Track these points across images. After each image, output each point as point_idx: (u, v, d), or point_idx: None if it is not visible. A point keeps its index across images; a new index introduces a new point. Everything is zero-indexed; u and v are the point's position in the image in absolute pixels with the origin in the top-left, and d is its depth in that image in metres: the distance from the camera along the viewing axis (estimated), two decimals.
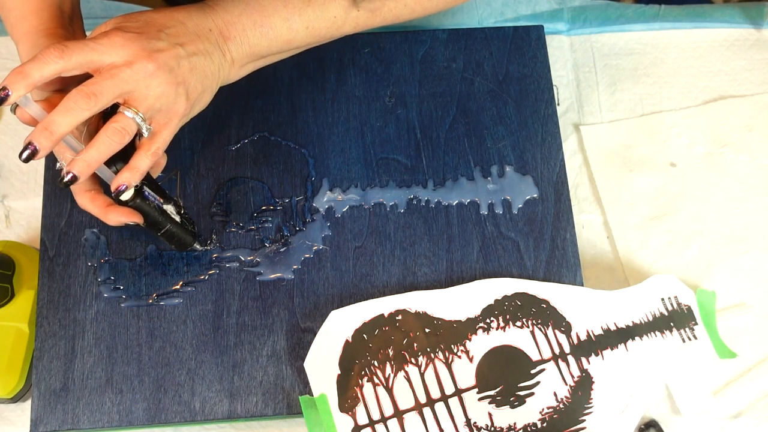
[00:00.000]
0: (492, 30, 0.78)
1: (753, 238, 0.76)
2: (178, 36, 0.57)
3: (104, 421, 0.65)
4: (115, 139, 0.54)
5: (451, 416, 0.64)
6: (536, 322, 0.67)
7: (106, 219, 0.60)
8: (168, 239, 0.64)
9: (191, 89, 0.57)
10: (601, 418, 0.66)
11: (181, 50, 0.56)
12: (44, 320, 0.67)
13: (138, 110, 0.54)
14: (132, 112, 0.54)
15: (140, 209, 0.60)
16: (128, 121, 0.54)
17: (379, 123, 0.75)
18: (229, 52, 0.60)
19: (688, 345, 0.69)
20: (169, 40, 0.56)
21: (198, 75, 0.57)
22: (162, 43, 0.55)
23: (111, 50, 0.53)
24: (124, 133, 0.54)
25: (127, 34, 0.54)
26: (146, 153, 0.56)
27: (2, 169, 0.77)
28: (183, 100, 0.56)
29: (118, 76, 0.53)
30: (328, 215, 0.71)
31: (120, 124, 0.54)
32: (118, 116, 0.54)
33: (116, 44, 0.53)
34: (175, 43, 0.56)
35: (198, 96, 0.58)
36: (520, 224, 0.72)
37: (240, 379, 0.66)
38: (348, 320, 0.66)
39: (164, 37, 0.56)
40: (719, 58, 0.83)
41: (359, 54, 0.77)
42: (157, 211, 0.61)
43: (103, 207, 0.60)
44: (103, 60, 0.53)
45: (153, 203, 0.61)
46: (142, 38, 0.54)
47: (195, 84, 0.57)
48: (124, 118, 0.54)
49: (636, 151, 0.79)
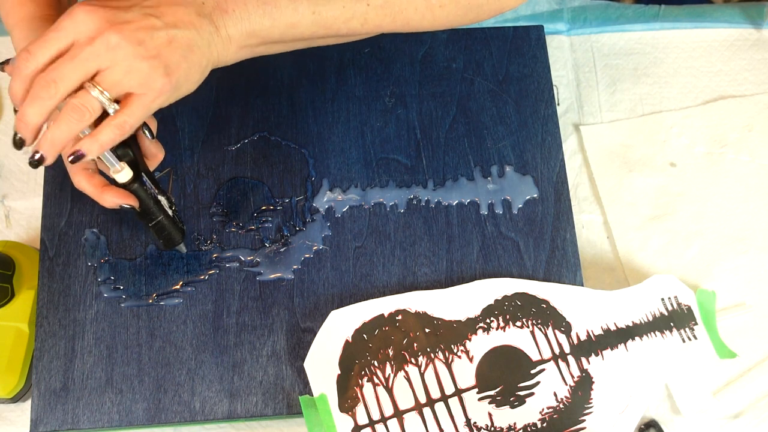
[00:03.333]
0: (492, 30, 0.78)
1: (753, 238, 0.76)
2: (155, 7, 0.52)
3: (104, 421, 0.65)
4: (74, 116, 0.51)
5: (451, 416, 0.64)
6: (536, 322, 0.67)
7: (101, 199, 0.58)
8: (158, 232, 0.63)
9: (172, 64, 0.52)
10: (601, 418, 0.66)
11: (156, 21, 0.51)
12: (44, 320, 0.67)
13: (102, 87, 0.50)
14: (96, 89, 0.50)
15: (136, 194, 0.59)
16: (88, 98, 0.51)
17: (379, 123, 0.75)
18: (225, 28, 0.55)
19: (688, 345, 0.69)
20: (142, 11, 0.51)
21: (180, 49, 0.52)
22: (131, 14, 0.51)
23: (72, 27, 0.50)
24: (83, 110, 0.51)
25: (92, 8, 0.50)
26: (109, 123, 0.52)
27: (2, 169, 0.77)
28: (159, 76, 0.51)
29: (77, 57, 0.49)
30: (328, 215, 0.71)
31: (78, 100, 0.50)
32: (79, 92, 0.51)
33: (77, 20, 0.50)
34: (148, 14, 0.51)
35: (183, 74, 0.53)
36: (520, 224, 0.72)
37: (240, 379, 0.66)
38: (348, 320, 0.66)
39: (136, 9, 0.51)
40: (719, 58, 0.83)
41: (359, 54, 0.77)
42: (152, 200, 0.60)
43: (98, 187, 0.58)
44: (68, 41, 0.50)
45: (149, 191, 0.60)
46: (107, 10, 0.50)
47: (176, 59, 0.52)
48: (83, 94, 0.50)
49: (636, 151, 0.79)
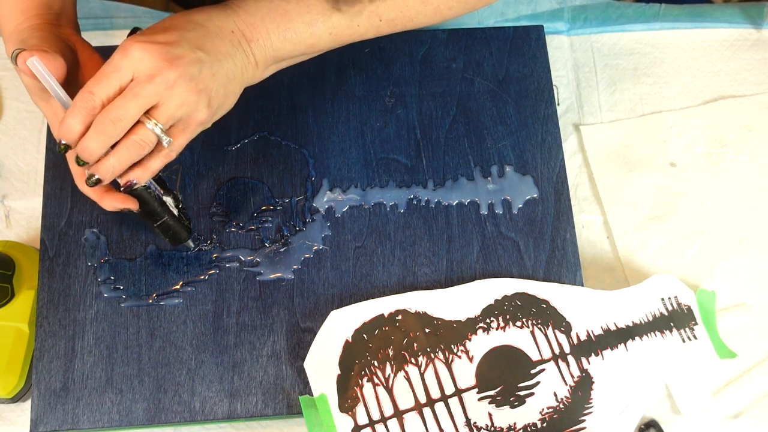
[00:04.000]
0: (492, 30, 0.78)
1: (753, 238, 0.76)
2: (198, 39, 0.55)
3: (104, 421, 0.65)
4: (134, 150, 0.54)
5: (451, 416, 0.64)
6: (536, 322, 0.67)
7: (101, 203, 0.60)
8: (163, 231, 0.64)
9: (213, 95, 0.56)
10: (601, 418, 0.66)
11: (203, 55, 0.55)
12: (44, 320, 0.67)
13: (158, 121, 0.54)
14: (152, 123, 0.54)
15: (141, 197, 0.60)
16: (147, 133, 0.54)
17: (379, 123, 0.75)
18: (253, 55, 0.58)
19: (688, 345, 0.69)
20: (189, 45, 0.54)
21: (221, 80, 0.56)
22: (181, 50, 0.54)
23: (130, 65, 0.52)
24: (143, 145, 0.54)
25: (145, 44, 0.53)
26: (160, 155, 0.56)
27: (2, 169, 0.77)
28: (204, 107, 0.55)
29: (140, 95, 0.52)
30: (328, 215, 0.71)
31: (139, 136, 0.54)
32: (138, 127, 0.54)
33: (134, 58, 0.52)
34: (196, 48, 0.55)
35: (221, 102, 0.57)
36: (520, 224, 0.72)
37: (240, 379, 0.66)
38: (348, 320, 0.66)
39: (184, 44, 0.54)
40: (719, 58, 0.83)
41: (359, 54, 0.77)
42: (156, 201, 0.62)
43: (99, 191, 0.60)
44: (126, 78, 0.53)
45: (154, 192, 0.61)
46: (160, 47, 0.53)
47: (217, 89, 0.56)
48: (143, 130, 0.54)
49: (636, 151, 0.79)
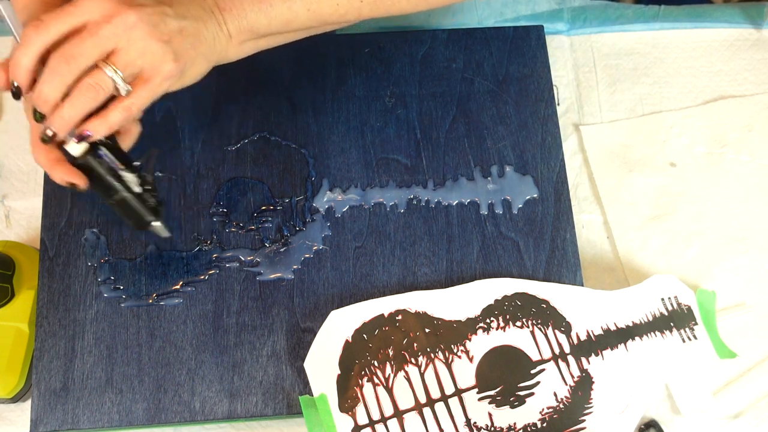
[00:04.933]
0: (492, 30, 0.78)
1: (753, 238, 0.76)
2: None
3: (104, 421, 0.65)
4: (89, 95, 0.51)
5: (451, 416, 0.64)
6: (536, 322, 0.67)
7: (51, 173, 0.57)
8: (122, 209, 0.60)
9: (181, 50, 0.53)
10: (601, 418, 0.66)
11: (168, 9, 0.53)
12: (44, 320, 0.67)
13: (116, 66, 0.51)
14: (110, 69, 0.51)
15: (92, 169, 0.57)
16: (102, 77, 0.51)
17: (379, 123, 0.75)
18: (225, 25, 0.56)
19: (688, 345, 0.69)
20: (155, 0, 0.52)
21: (189, 38, 0.53)
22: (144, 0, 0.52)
23: (89, 6, 0.50)
24: (98, 89, 0.51)
25: None
26: (120, 106, 0.53)
27: (2, 169, 0.77)
28: (169, 60, 0.52)
29: (97, 33, 0.50)
30: (328, 215, 0.71)
31: (93, 79, 0.51)
32: (94, 71, 0.51)
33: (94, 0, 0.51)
34: (161, 2, 0.52)
35: (190, 61, 0.54)
36: (520, 224, 0.72)
37: (240, 379, 0.66)
38: (348, 320, 0.66)
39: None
40: (719, 58, 0.83)
41: (359, 54, 0.77)
42: (110, 174, 0.58)
43: (51, 159, 0.56)
44: (83, 19, 0.50)
45: (107, 165, 0.57)
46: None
47: (185, 46, 0.53)
48: (98, 73, 0.51)
49: (636, 151, 0.79)
